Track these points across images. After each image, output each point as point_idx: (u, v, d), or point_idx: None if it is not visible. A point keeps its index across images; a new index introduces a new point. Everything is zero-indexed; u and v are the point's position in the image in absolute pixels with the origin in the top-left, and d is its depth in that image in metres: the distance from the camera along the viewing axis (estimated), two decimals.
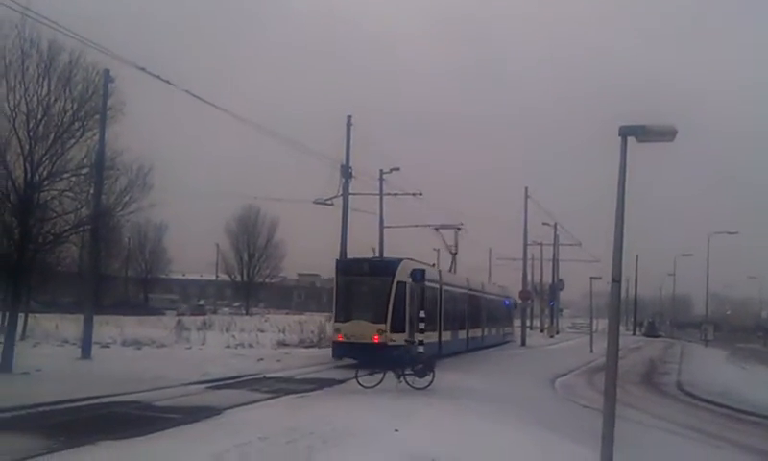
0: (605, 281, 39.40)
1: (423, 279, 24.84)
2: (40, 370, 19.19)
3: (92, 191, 21.77)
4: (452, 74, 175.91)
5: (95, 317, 25.43)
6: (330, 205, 30.29)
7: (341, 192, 29.73)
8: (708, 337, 58.48)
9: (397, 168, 36.10)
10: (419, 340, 22.77)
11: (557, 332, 63.14)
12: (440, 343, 28.57)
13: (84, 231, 22.91)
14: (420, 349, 22.07)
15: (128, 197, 21.65)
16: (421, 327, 24.04)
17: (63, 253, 23.10)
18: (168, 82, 19.73)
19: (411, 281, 24.28)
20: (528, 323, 54.78)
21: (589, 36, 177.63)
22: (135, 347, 29.40)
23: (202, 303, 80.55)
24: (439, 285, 29.56)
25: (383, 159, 37.01)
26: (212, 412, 14.05)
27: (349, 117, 29.64)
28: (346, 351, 23.80)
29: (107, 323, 33.83)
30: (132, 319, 44.69)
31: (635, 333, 79.21)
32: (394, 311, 23.80)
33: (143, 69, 19.09)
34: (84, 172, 20.67)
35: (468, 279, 37.74)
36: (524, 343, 44.98)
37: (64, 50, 19.02)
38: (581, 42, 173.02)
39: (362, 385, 18.11)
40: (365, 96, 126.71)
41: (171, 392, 16.92)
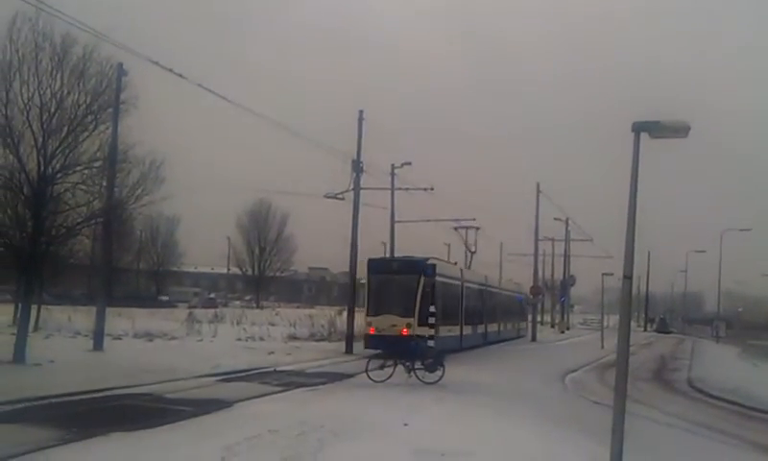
0: (616, 277, 39.20)
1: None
2: (53, 361, 19.34)
3: (105, 184, 21.86)
4: (464, 70, 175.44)
5: (107, 309, 25.56)
6: (341, 199, 30.30)
7: (352, 187, 29.70)
8: (720, 334, 58.22)
9: (409, 163, 36.17)
10: (429, 334, 23.16)
11: (567, 328, 63.04)
12: (461, 336, 30.72)
13: (97, 224, 23.05)
14: (431, 343, 22.15)
15: (140, 190, 21.70)
16: (432, 321, 24.45)
17: (76, 245, 23.23)
18: (181, 75, 19.76)
19: (440, 278, 26.86)
20: (539, 318, 54.79)
21: (603, 31, 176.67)
22: (147, 339, 29.55)
23: (213, 295, 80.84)
24: (460, 282, 31.56)
25: (395, 154, 37.11)
26: (223, 405, 14.12)
27: (361, 112, 29.60)
28: (376, 342, 25.07)
29: (119, 315, 34.03)
30: (144, 311, 44.92)
31: (646, 330, 78.92)
32: (421, 306, 25.34)
33: (156, 63, 19.10)
34: (97, 165, 20.75)
35: (487, 276, 39.29)
36: (535, 338, 44.96)
37: (78, 43, 19.12)
38: (595, 38, 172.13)
39: (372, 379, 18.14)
40: (377, 91, 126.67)
41: (182, 384, 17.02)
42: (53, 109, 18.77)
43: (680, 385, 25.32)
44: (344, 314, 34.92)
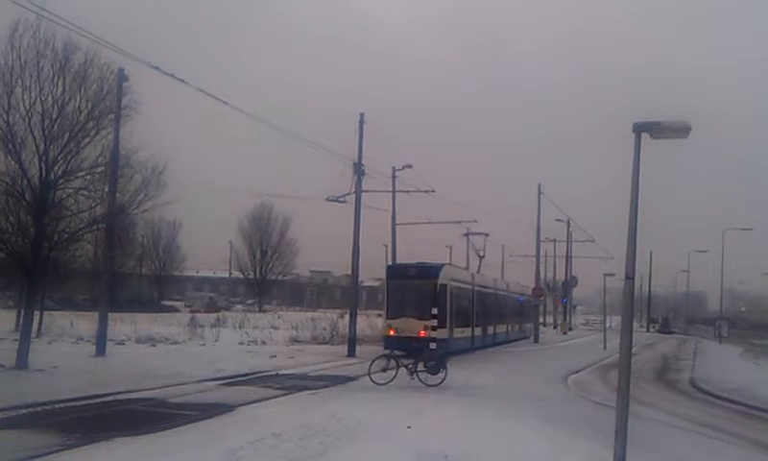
0: (618, 278, 39.03)
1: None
2: (56, 367, 19.33)
3: (107, 189, 21.88)
4: (465, 73, 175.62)
5: (109, 314, 25.59)
6: (343, 202, 30.31)
7: (353, 190, 29.73)
8: (723, 334, 58.14)
9: (410, 165, 36.19)
10: (431, 337, 23.40)
11: (570, 329, 62.96)
12: (473, 337, 32.68)
13: (99, 230, 23.04)
14: (433, 345, 22.20)
15: (142, 195, 21.69)
16: (434, 324, 24.77)
17: (78, 251, 23.19)
18: (182, 80, 19.81)
19: (453, 283, 29.08)
20: (541, 319, 54.72)
21: (604, 34, 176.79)
22: (149, 344, 29.55)
23: (213, 296, 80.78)
24: (472, 287, 33.38)
25: (396, 157, 37.10)
26: (226, 409, 14.14)
27: (362, 115, 29.62)
28: (396, 344, 25.52)
29: (121, 320, 34.05)
30: (146, 316, 44.93)
31: (648, 330, 78.84)
32: (437, 310, 27.20)
33: (157, 68, 19.14)
34: (99, 170, 20.76)
35: (495, 279, 41.36)
36: (537, 340, 44.92)
37: (79, 49, 19.13)
38: (596, 41, 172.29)
39: (375, 382, 18.16)
40: (378, 95, 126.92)
41: (185, 389, 17.04)
42: (54, 116, 18.78)
43: (683, 385, 25.29)
44: (346, 317, 34.92)
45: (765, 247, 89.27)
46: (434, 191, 36.32)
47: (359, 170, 29.62)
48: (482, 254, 40.89)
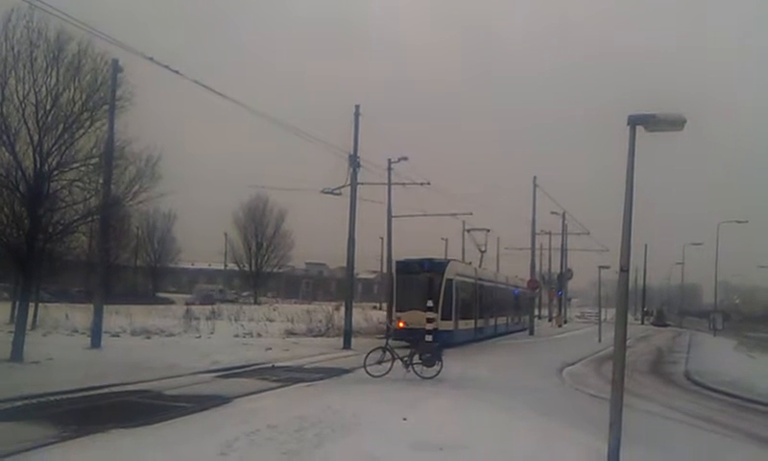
0: (613, 271, 39.30)
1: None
2: (51, 359, 19.33)
3: (101, 181, 21.84)
4: (461, 65, 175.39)
5: (104, 306, 25.56)
6: (338, 194, 30.28)
7: (349, 182, 29.71)
8: (717, 326, 58.25)
9: (405, 158, 36.13)
10: (427, 329, 23.49)
11: (565, 322, 63.08)
12: (476, 329, 34.43)
13: (94, 221, 23.02)
14: (429, 338, 22.24)
15: (137, 187, 21.68)
16: (430, 316, 24.94)
17: (73, 242, 23.19)
18: (177, 72, 19.71)
19: (458, 277, 31.01)
20: (536, 312, 54.80)
21: (599, 25, 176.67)
22: (145, 336, 29.53)
23: (211, 291, 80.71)
24: (475, 281, 35.18)
25: (391, 149, 37.08)
26: (221, 401, 14.15)
27: (357, 107, 29.57)
28: (404, 335, 26.46)
29: (116, 312, 34.00)
30: (141, 308, 44.88)
31: (643, 323, 79.08)
32: (443, 303, 29.06)
33: (151, 59, 19.05)
34: (94, 162, 20.72)
35: (496, 273, 43.03)
36: (532, 332, 44.99)
37: (72, 40, 19.07)
38: (591, 32, 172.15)
39: (370, 374, 18.18)
40: (373, 87, 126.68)
41: (180, 381, 17.04)
42: (48, 107, 18.73)
43: (677, 378, 25.36)
44: (341, 309, 34.98)
45: (760, 240, 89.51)
46: (429, 184, 36.36)
47: (354, 162, 29.59)
48: (483, 249, 41.90)
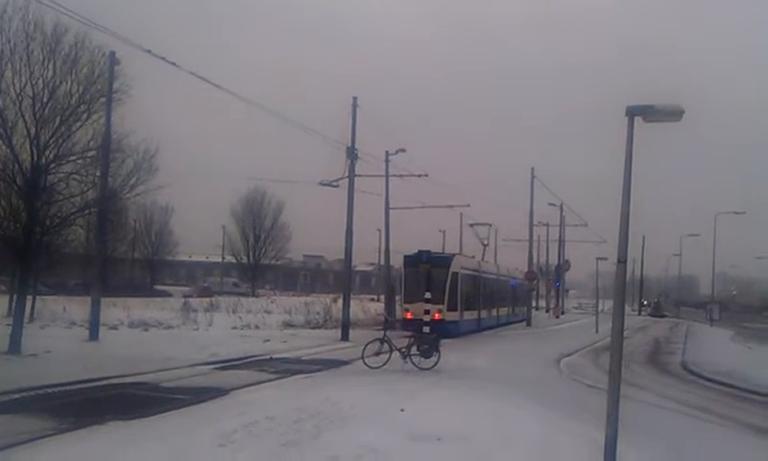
0: (611, 262, 39.26)
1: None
2: (49, 351, 19.34)
3: (98, 174, 21.80)
4: (459, 56, 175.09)
5: (102, 299, 25.55)
6: (336, 186, 30.25)
7: (346, 174, 29.67)
8: (714, 317, 58.38)
9: (403, 150, 36.07)
10: (425, 320, 23.66)
11: (562, 313, 63.18)
12: (479, 319, 35.96)
13: (91, 214, 22.98)
14: (427, 329, 22.31)
15: (134, 179, 21.69)
16: (427, 308, 25.10)
17: (70, 235, 23.17)
18: (174, 63, 19.65)
19: (463, 270, 32.54)
20: (534, 304, 54.86)
21: (598, 16, 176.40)
22: (142, 328, 29.55)
23: (207, 284, 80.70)
24: (478, 273, 36.50)
25: (389, 141, 37.02)
26: (220, 392, 14.18)
27: (355, 98, 29.50)
28: (413, 325, 27.54)
29: (113, 305, 34.01)
30: (139, 300, 44.88)
31: (640, 313, 79.22)
32: (449, 295, 30.67)
33: (149, 51, 18.98)
34: (91, 155, 20.69)
35: (498, 266, 44.31)
36: (530, 323, 45.06)
37: (69, 32, 19.01)
38: (590, 23, 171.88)
39: (368, 366, 18.21)
40: (371, 79, 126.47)
41: (178, 373, 17.07)
42: (45, 99, 18.68)
43: (674, 368, 25.44)
44: (339, 301, 34.99)
45: (757, 231, 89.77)
46: (427, 175, 36.35)
47: (352, 154, 29.55)
48: (485, 243, 42.55)
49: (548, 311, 66.03)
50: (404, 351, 18.75)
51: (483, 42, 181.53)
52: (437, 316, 29.27)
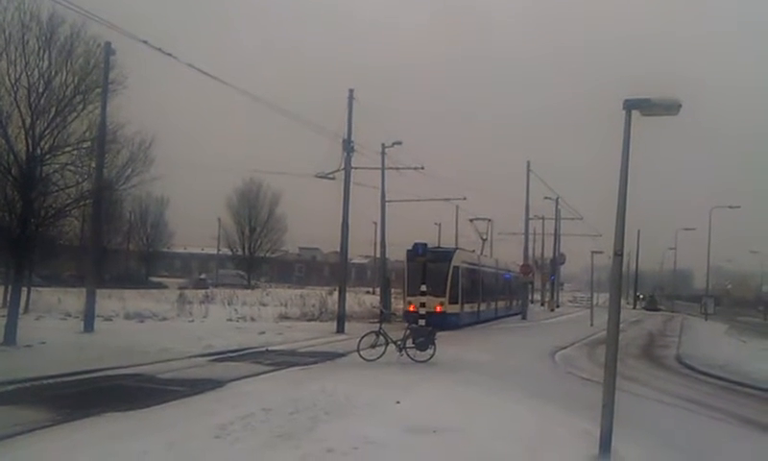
0: (606, 256, 39.60)
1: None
2: (44, 343, 19.32)
3: (94, 165, 21.75)
4: (456, 50, 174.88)
5: (97, 291, 25.50)
6: (332, 179, 30.27)
7: (343, 166, 29.66)
8: (709, 311, 58.56)
9: (399, 142, 36.14)
10: (420, 313, 23.68)
11: (557, 306, 63.30)
12: (479, 312, 36.78)
13: (86, 205, 22.93)
14: (422, 322, 22.34)
15: (129, 170, 21.64)
16: (423, 301, 25.13)
17: (65, 227, 23.14)
18: (170, 55, 19.59)
19: (464, 264, 33.59)
20: (529, 297, 54.94)
21: (594, 8, 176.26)
22: (138, 320, 29.51)
23: (203, 276, 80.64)
24: (478, 267, 37.49)
25: (385, 134, 37.04)
26: (216, 384, 14.17)
27: (351, 91, 29.47)
28: (415, 317, 27.19)
29: (109, 296, 33.95)
30: (134, 292, 44.83)
31: (635, 307, 79.39)
32: (451, 288, 31.53)
33: (145, 42, 18.88)
34: (86, 145, 20.64)
35: (497, 260, 45.01)
36: (525, 317, 45.16)
37: (65, 22, 18.93)
38: (586, 15, 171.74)
39: (364, 358, 18.23)
40: (368, 71, 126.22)
41: (174, 364, 17.06)
42: (41, 90, 18.62)
43: (669, 361, 25.51)
44: (335, 294, 35.02)
45: (752, 225, 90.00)
46: (423, 168, 36.39)
47: (348, 147, 29.54)
48: (484, 238, 43.33)
49: (543, 304, 66.13)
50: (400, 343, 18.78)
51: (480, 34, 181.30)
52: (439, 308, 30.18)
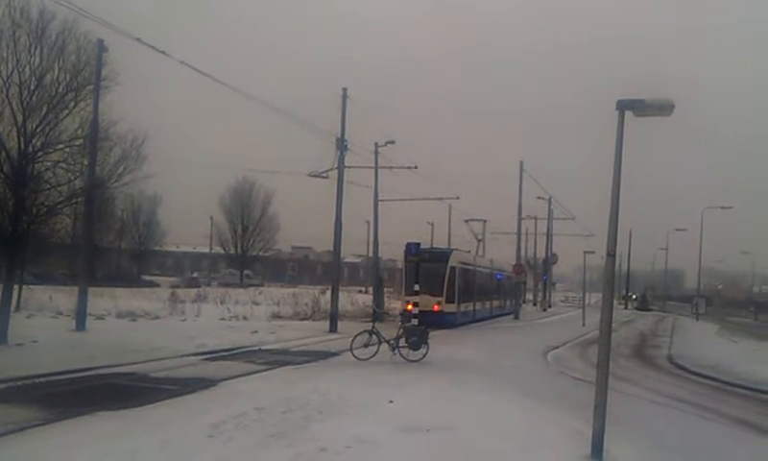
0: (598, 255, 39.62)
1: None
2: (36, 341, 19.24)
3: (86, 162, 21.66)
4: (448, 48, 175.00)
5: (89, 289, 25.40)
6: (325, 178, 30.22)
7: (336, 165, 29.63)
8: (700, 311, 58.76)
9: (392, 141, 36.08)
10: (413, 314, 23.68)
11: (549, 306, 63.42)
12: (474, 311, 37.37)
13: (78, 203, 22.83)
14: (415, 321, 22.35)
15: (122, 168, 21.58)
16: (415, 300, 25.11)
17: (57, 224, 23.00)
18: (163, 52, 19.50)
19: (460, 265, 34.19)
20: (522, 297, 55.05)
21: (587, 8, 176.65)
22: (130, 319, 29.42)
23: (196, 275, 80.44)
24: (474, 267, 38.14)
25: (379, 133, 36.99)
26: (208, 383, 14.15)
27: (345, 90, 29.42)
28: (412, 317, 27.80)
29: (101, 295, 33.82)
30: (126, 291, 44.67)
31: (627, 307, 79.60)
32: (448, 288, 32.23)
33: (138, 39, 18.82)
34: (78, 143, 20.56)
35: (492, 260, 45.23)
36: (517, 316, 45.25)
37: (56, 19, 18.86)
38: (579, 14, 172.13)
39: (357, 357, 18.23)
40: (362, 70, 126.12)
41: (166, 363, 17.02)
42: (32, 87, 18.55)
43: (660, 361, 25.60)
44: (327, 293, 34.98)
45: (744, 226, 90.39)
46: (416, 167, 36.37)
47: (342, 146, 29.50)
48: (480, 238, 44.31)
49: (535, 304, 66.24)
50: (393, 342, 18.79)
51: (473, 34, 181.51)
52: (436, 307, 30.91)
